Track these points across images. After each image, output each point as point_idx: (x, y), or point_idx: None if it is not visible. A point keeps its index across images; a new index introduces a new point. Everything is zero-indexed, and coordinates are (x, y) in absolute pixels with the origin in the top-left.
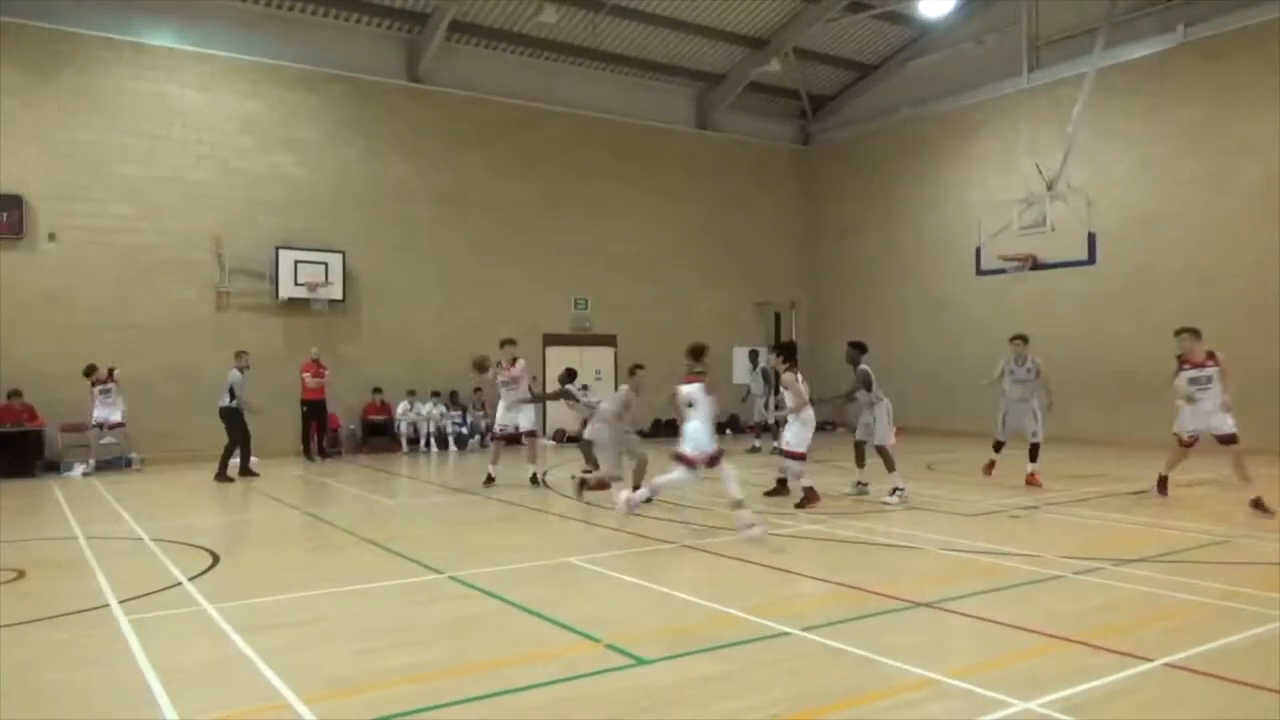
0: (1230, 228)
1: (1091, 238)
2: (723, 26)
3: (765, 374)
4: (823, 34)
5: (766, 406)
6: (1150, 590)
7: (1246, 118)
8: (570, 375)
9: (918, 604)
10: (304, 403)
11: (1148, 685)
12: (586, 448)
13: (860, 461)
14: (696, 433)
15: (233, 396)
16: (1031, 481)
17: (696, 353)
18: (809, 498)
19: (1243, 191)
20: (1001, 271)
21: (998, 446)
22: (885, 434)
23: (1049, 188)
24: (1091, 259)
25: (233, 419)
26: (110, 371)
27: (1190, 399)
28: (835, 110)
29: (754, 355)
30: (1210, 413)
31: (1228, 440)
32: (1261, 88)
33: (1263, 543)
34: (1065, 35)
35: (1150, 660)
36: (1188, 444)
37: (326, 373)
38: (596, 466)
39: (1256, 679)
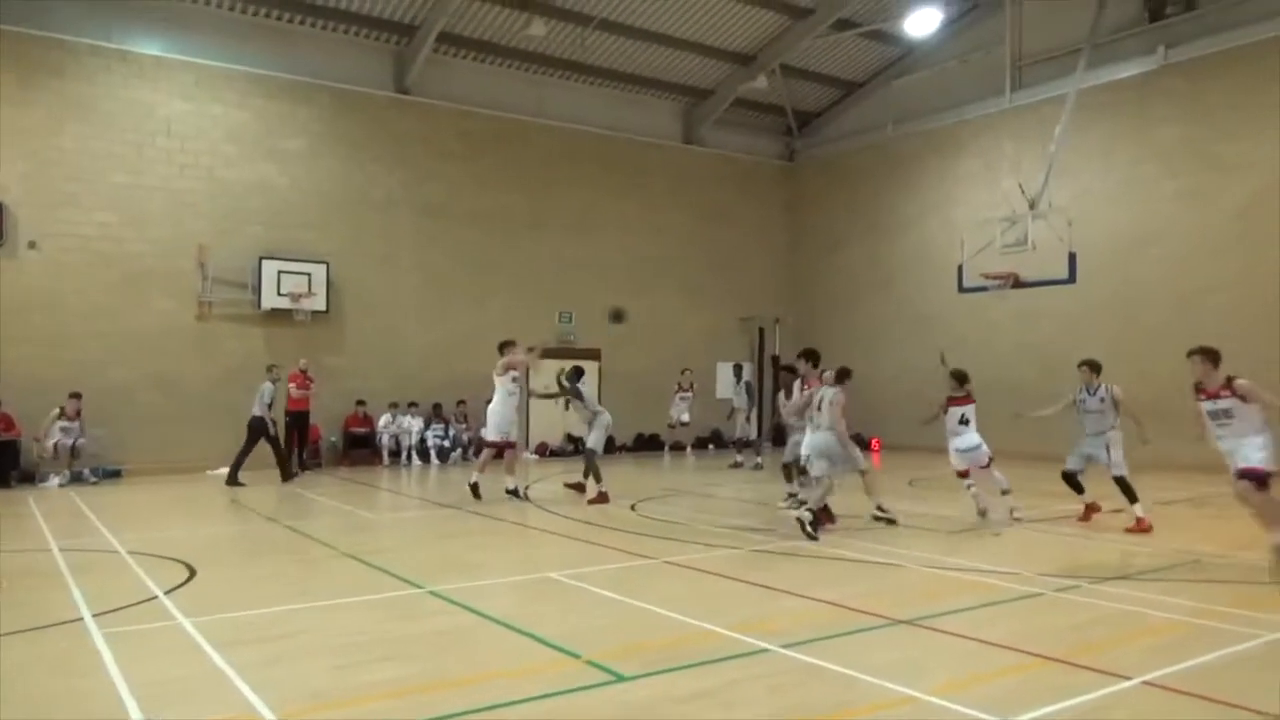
0: (1212, 247)
1: (1072, 257)
2: (710, 42)
3: (749, 388)
4: (809, 51)
5: (749, 420)
6: (1129, 608)
7: (1228, 138)
8: (578, 373)
9: (898, 621)
10: (287, 413)
11: (1126, 703)
12: (589, 457)
13: (790, 478)
14: (978, 441)
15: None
16: (1140, 527)
17: (961, 378)
18: (821, 517)
19: (1224, 211)
20: (983, 289)
21: (1072, 482)
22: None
23: (1031, 206)
24: (1072, 278)
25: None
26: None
27: (1216, 438)
28: (820, 127)
29: (738, 369)
30: (1235, 451)
31: (1248, 475)
32: (1242, 109)
33: (1237, 562)
34: (1048, 55)
35: (1129, 678)
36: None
37: (313, 385)
38: (598, 479)
39: (1234, 698)
